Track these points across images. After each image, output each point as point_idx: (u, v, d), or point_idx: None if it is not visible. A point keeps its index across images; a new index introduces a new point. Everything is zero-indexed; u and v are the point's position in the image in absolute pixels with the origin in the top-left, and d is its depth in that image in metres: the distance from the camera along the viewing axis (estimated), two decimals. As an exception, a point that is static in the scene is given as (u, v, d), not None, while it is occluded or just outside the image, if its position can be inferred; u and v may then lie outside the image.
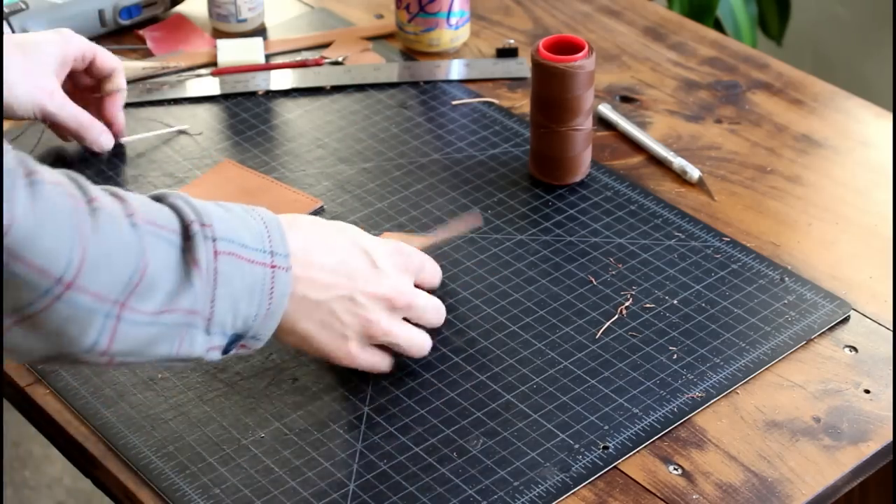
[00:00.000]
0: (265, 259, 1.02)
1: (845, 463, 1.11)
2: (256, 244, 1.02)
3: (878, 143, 1.45)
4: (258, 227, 1.03)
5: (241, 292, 1.00)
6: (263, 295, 1.02)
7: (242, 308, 1.01)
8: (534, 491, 1.09)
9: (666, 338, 1.22)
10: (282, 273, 1.03)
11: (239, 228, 1.01)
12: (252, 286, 1.01)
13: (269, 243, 1.03)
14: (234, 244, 1.00)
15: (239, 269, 1.00)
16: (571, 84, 1.34)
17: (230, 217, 1.02)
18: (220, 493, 1.10)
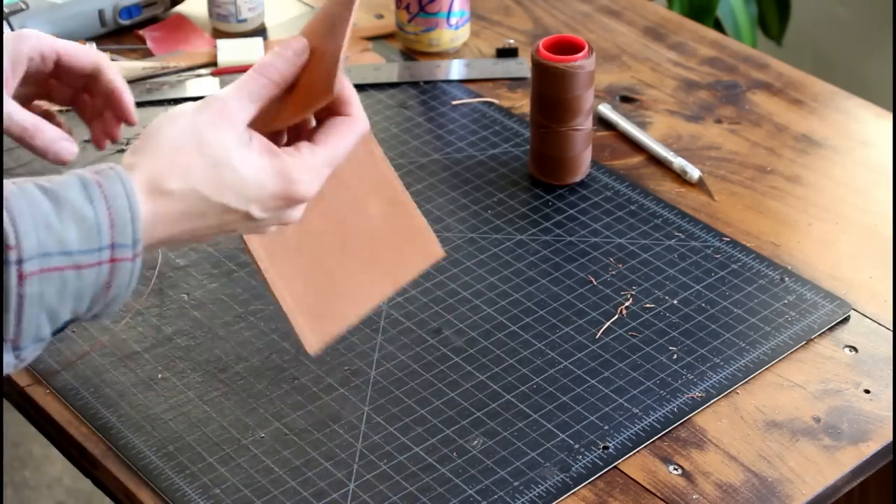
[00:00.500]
0: (99, 258, 0.91)
1: (845, 463, 1.11)
2: (88, 244, 0.91)
3: (878, 143, 1.45)
4: (96, 218, 0.91)
5: (61, 301, 0.91)
6: (97, 290, 0.92)
7: (66, 310, 0.92)
8: (534, 491, 1.09)
9: (666, 338, 1.22)
10: (125, 263, 0.92)
11: (66, 230, 0.90)
12: (79, 290, 0.92)
13: (110, 235, 0.91)
14: (49, 258, 0.90)
15: (57, 282, 0.90)
16: (571, 84, 1.34)
17: (56, 217, 0.90)
18: (220, 493, 1.10)
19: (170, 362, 1.21)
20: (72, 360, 1.22)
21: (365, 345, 1.22)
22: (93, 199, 0.91)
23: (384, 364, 1.20)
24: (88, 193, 0.91)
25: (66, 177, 0.92)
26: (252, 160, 0.96)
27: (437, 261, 1.08)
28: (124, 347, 1.23)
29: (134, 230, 0.92)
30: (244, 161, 0.96)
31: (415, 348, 1.22)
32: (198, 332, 1.24)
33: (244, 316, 1.26)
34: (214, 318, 1.26)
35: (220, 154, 0.95)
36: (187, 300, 1.28)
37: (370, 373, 1.20)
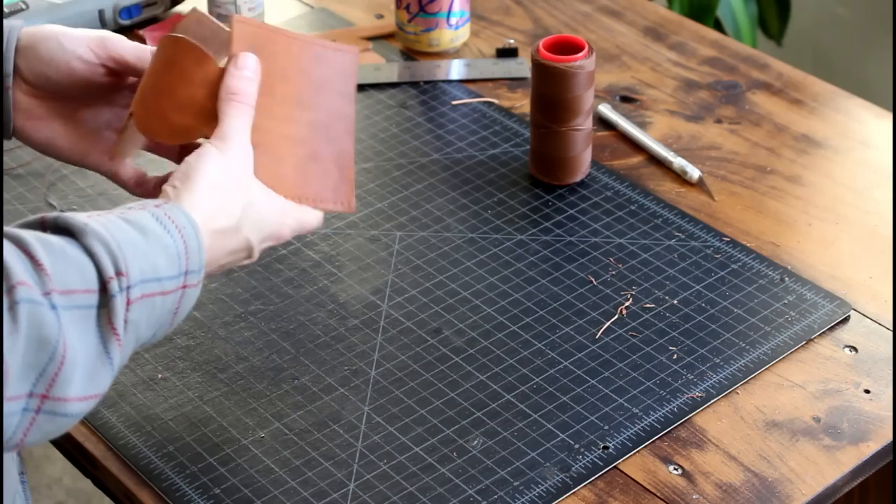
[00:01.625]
0: (178, 283, 0.96)
1: (845, 463, 1.11)
2: (172, 270, 0.96)
3: (878, 143, 1.45)
4: (176, 246, 0.96)
5: (147, 328, 0.95)
6: (168, 316, 0.97)
7: (144, 336, 0.96)
8: (534, 491, 1.09)
9: (666, 338, 1.22)
10: (191, 290, 0.98)
11: (155, 258, 0.95)
12: (160, 316, 0.96)
13: (186, 262, 0.97)
14: (148, 284, 0.94)
15: (150, 307, 0.94)
16: (571, 84, 1.34)
17: (147, 246, 0.94)
18: (220, 493, 1.10)
19: (170, 362, 1.21)
20: (72, 360, 1.22)
21: (365, 345, 1.22)
22: (168, 230, 0.96)
23: (384, 364, 1.20)
24: (163, 224, 0.96)
25: (138, 210, 0.97)
26: (272, 200, 1.06)
27: (345, 209, 1.11)
28: (124, 347, 1.23)
29: (200, 258, 0.98)
30: (266, 200, 1.05)
31: (415, 348, 1.22)
32: (198, 332, 1.24)
33: (244, 316, 1.26)
34: (214, 318, 1.26)
35: (251, 194, 1.04)
36: (187, 300, 1.28)
37: (370, 373, 1.20)
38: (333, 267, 1.31)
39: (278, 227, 1.07)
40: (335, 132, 1.10)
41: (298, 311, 1.26)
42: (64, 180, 1.41)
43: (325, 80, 1.10)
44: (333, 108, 1.10)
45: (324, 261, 1.31)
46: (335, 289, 1.28)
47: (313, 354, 1.22)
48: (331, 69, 1.10)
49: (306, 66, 1.09)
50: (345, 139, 1.10)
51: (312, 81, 1.09)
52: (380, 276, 1.29)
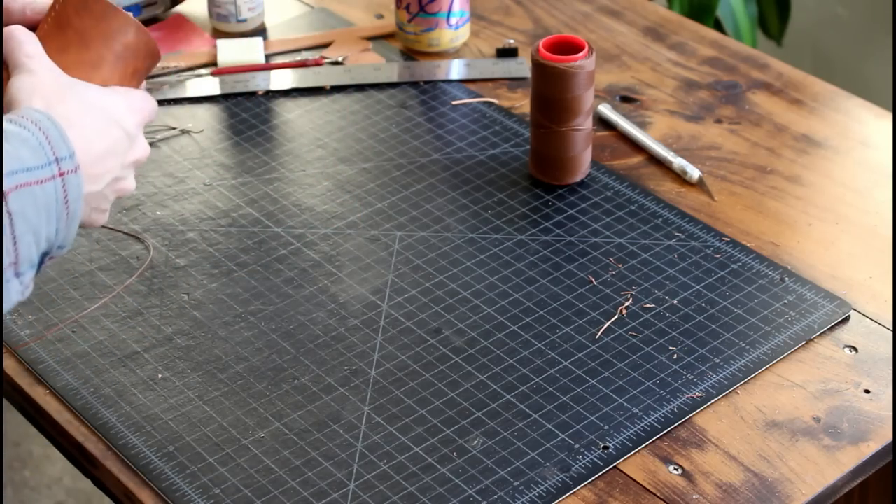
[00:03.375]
0: (52, 171, 0.98)
1: (845, 463, 1.11)
2: (39, 159, 0.98)
3: (878, 143, 1.45)
4: (35, 137, 0.98)
5: (38, 218, 0.97)
6: (60, 207, 0.99)
7: (43, 231, 0.98)
8: (534, 491, 1.09)
9: (666, 338, 1.22)
10: (71, 176, 0.99)
11: (18, 150, 0.97)
12: (47, 205, 0.98)
13: (52, 150, 0.99)
14: (17, 175, 0.96)
15: (31, 197, 0.96)
16: (571, 84, 1.34)
17: (7, 143, 0.97)
18: (220, 493, 1.10)
19: (170, 362, 1.21)
20: (72, 360, 1.22)
21: (365, 345, 1.22)
22: (24, 126, 0.98)
23: (384, 364, 1.20)
24: (18, 123, 0.98)
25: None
26: (91, 85, 1.06)
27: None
28: (124, 347, 1.23)
29: (66, 143, 0.99)
30: (87, 86, 1.06)
31: (415, 348, 1.22)
32: (198, 332, 1.24)
33: (244, 316, 1.26)
34: (214, 318, 1.26)
35: (74, 82, 1.05)
36: (187, 300, 1.28)
37: (370, 373, 1.20)
38: (333, 267, 1.31)
39: (126, 98, 1.07)
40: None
41: (298, 311, 1.26)
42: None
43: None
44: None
45: (324, 261, 1.31)
46: (335, 289, 1.28)
47: (313, 354, 1.22)
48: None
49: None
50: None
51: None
52: (380, 276, 1.30)
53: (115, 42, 1.08)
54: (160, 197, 1.39)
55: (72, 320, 1.26)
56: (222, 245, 1.34)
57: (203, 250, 1.33)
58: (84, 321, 1.25)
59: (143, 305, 1.27)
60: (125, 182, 1.08)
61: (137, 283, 1.29)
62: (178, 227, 1.35)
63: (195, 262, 1.32)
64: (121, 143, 1.06)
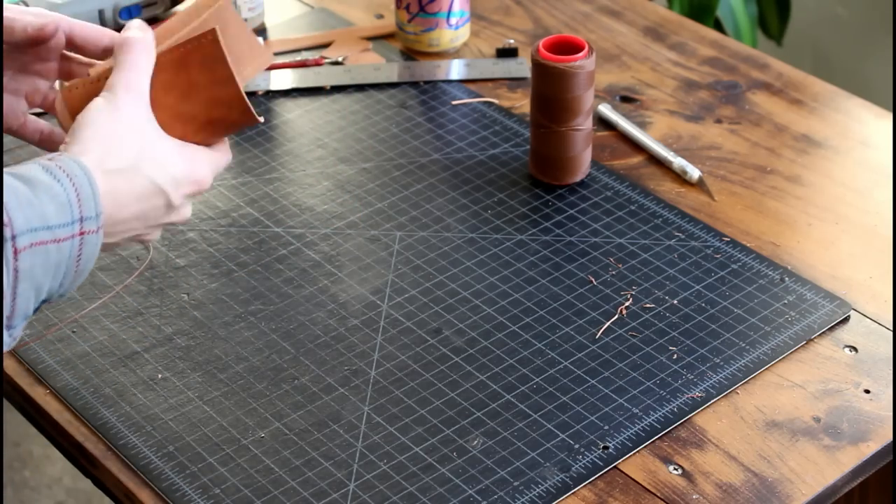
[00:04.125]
0: (73, 231, 0.96)
1: (845, 463, 1.11)
2: (63, 218, 0.96)
3: (878, 143, 1.45)
4: (66, 194, 0.96)
5: (45, 275, 0.95)
6: (70, 264, 0.97)
7: (46, 286, 0.96)
8: (534, 491, 1.09)
9: (666, 338, 1.22)
10: (91, 236, 0.97)
11: (43, 207, 0.95)
12: (58, 263, 0.96)
13: (79, 209, 0.96)
14: (36, 232, 0.94)
15: (43, 255, 0.95)
16: (571, 84, 1.34)
17: (33, 195, 0.94)
18: (220, 493, 1.10)
19: (170, 362, 1.21)
20: (72, 360, 1.22)
21: (365, 345, 1.22)
22: (59, 178, 0.96)
23: (384, 364, 1.20)
24: (53, 174, 0.96)
25: (27, 163, 0.97)
26: (173, 140, 1.04)
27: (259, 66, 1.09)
28: (124, 347, 1.23)
29: (96, 204, 0.97)
30: (167, 140, 1.04)
31: (415, 348, 1.22)
32: (198, 332, 1.24)
33: (244, 316, 1.26)
34: (214, 318, 1.26)
35: (148, 134, 1.03)
36: (187, 300, 1.28)
37: (370, 373, 1.20)
38: (333, 267, 1.31)
39: (190, 167, 1.05)
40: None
41: (298, 311, 1.26)
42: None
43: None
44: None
45: (324, 261, 1.31)
46: (335, 289, 1.28)
47: (313, 354, 1.22)
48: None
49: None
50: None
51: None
52: (380, 276, 1.30)
53: (216, 111, 1.05)
54: (160, 197, 1.39)
55: (71, 320, 1.26)
56: (222, 245, 1.34)
57: (203, 250, 1.33)
58: (84, 321, 1.25)
59: (143, 305, 1.27)
60: (147, 236, 1.07)
61: (137, 283, 1.29)
62: (177, 227, 1.35)
63: (195, 262, 1.32)
64: (157, 211, 1.04)
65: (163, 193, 1.03)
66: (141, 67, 1.04)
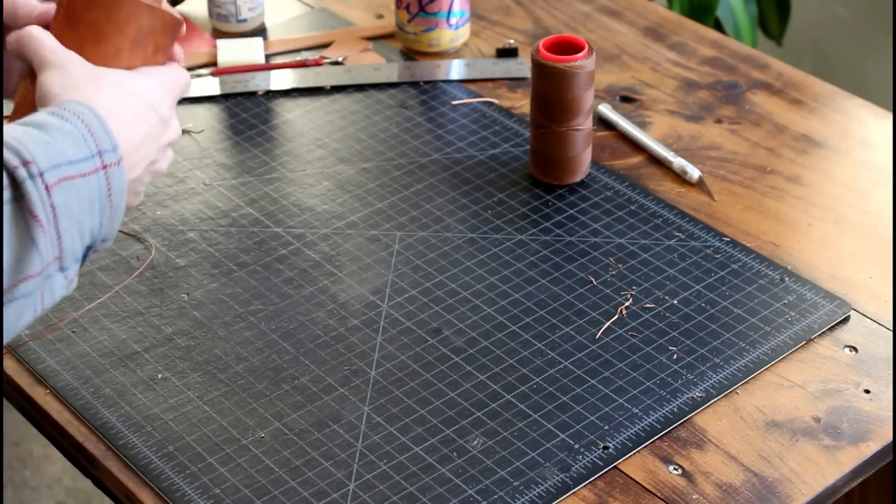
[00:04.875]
0: (95, 164, 0.97)
1: (845, 463, 1.11)
2: (82, 152, 0.97)
3: (878, 143, 1.45)
4: (78, 130, 0.97)
5: (81, 212, 0.96)
6: (104, 200, 0.98)
7: (87, 224, 0.97)
8: (534, 491, 1.09)
9: (666, 338, 1.22)
10: (114, 169, 0.98)
11: (61, 143, 0.96)
12: (91, 199, 0.97)
13: (94, 143, 0.98)
14: (61, 168, 0.95)
15: (75, 191, 0.96)
16: (571, 84, 1.34)
17: (48, 136, 0.96)
18: (220, 493, 1.10)
19: (170, 362, 1.21)
20: (72, 360, 1.22)
21: (365, 345, 1.22)
22: (66, 118, 0.97)
23: (384, 364, 1.20)
24: (59, 116, 0.97)
25: (35, 113, 0.98)
26: (118, 70, 1.05)
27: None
28: (124, 347, 1.23)
29: (109, 136, 0.98)
30: (114, 70, 1.05)
31: (415, 348, 1.22)
32: (198, 332, 1.24)
33: (244, 316, 1.26)
34: (214, 318, 1.26)
35: (106, 70, 1.04)
36: (187, 300, 1.28)
37: (370, 373, 1.20)
38: (333, 267, 1.31)
39: (153, 77, 1.06)
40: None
41: (298, 311, 1.26)
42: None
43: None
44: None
45: (324, 261, 1.31)
46: (335, 289, 1.28)
47: (313, 354, 1.22)
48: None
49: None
50: None
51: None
52: (380, 276, 1.30)
53: (129, 28, 1.06)
54: (160, 197, 1.39)
55: (71, 320, 1.26)
56: (222, 245, 1.34)
57: (203, 250, 1.33)
58: (84, 321, 1.25)
59: (143, 305, 1.27)
60: (160, 164, 1.07)
61: (137, 283, 1.29)
62: (178, 227, 1.35)
63: (195, 262, 1.32)
64: (156, 127, 1.05)
65: (152, 108, 1.04)
66: (42, 41, 1.05)
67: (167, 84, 1.07)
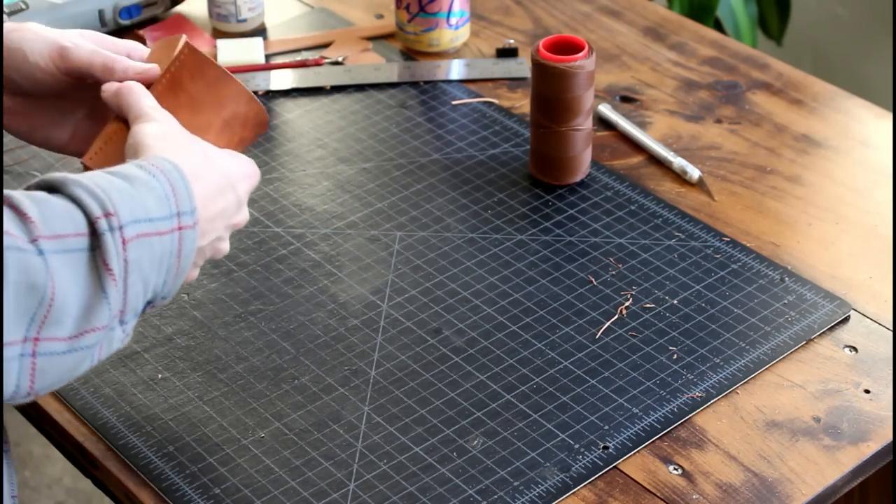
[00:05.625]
0: (172, 224, 0.98)
1: (845, 463, 1.11)
2: (162, 211, 0.98)
3: (878, 143, 1.45)
4: (162, 188, 0.98)
5: (151, 269, 0.97)
6: (172, 260, 0.99)
7: (152, 282, 0.98)
8: (534, 491, 1.09)
9: (666, 338, 1.22)
10: (188, 231, 1.00)
11: (145, 199, 0.97)
12: (161, 257, 0.98)
13: (176, 203, 0.99)
14: (140, 224, 0.96)
15: (148, 248, 0.96)
16: (571, 84, 1.34)
17: (133, 190, 0.96)
18: (220, 493, 1.10)
19: (170, 362, 1.21)
20: (72, 360, 1.22)
21: (365, 345, 1.22)
22: (153, 174, 0.98)
23: (384, 364, 1.20)
24: (147, 170, 0.98)
25: (123, 164, 1.00)
26: (207, 142, 1.08)
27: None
28: (124, 347, 1.23)
29: (190, 198, 1.00)
30: (205, 144, 1.07)
31: (415, 348, 1.22)
32: (198, 332, 1.24)
33: (244, 316, 1.26)
34: (214, 318, 1.26)
35: (195, 138, 1.06)
36: (187, 300, 1.28)
37: (370, 373, 1.20)
38: (333, 267, 1.31)
39: (238, 161, 1.08)
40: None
41: (298, 311, 1.26)
42: (64, 180, 1.41)
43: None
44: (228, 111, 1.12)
45: (324, 261, 1.31)
46: (335, 289, 1.28)
47: (313, 354, 1.22)
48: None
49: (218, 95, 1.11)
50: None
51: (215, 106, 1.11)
52: (380, 276, 1.29)
53: (225, 109, 1.09)
54: (160, 197, 1.39)
55: (72, 320, 1.26)
56: (222, 245, 1.33)
57: (203, 250, 1.33)
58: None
59: (143, 305, 1.27)
60: (223, 244, 1.09)
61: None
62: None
63: (195, 262, 1.32)
64: (232, 205, 1.06)
65: (232, 187, 1.06)
66: (143, 97, 1.07)
67: (247, 171, 1.08)
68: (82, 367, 0.95)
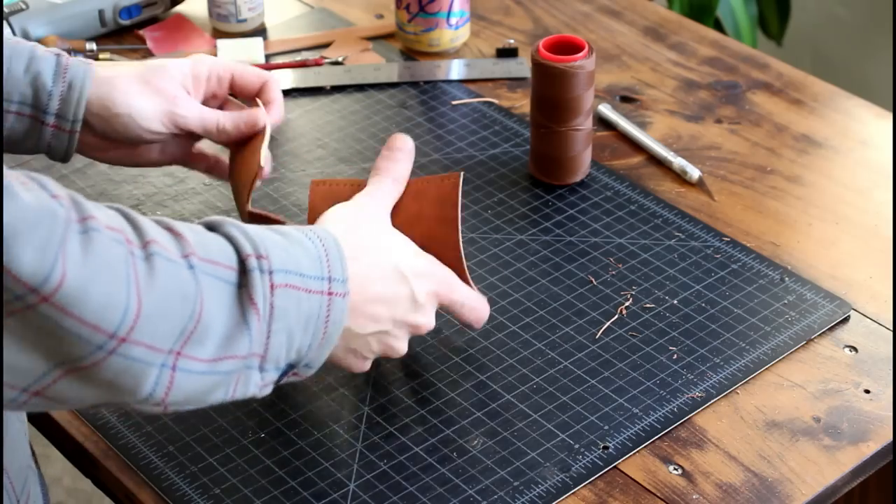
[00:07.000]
0: (322, 287, 0.98)
1: (845, 463, 1.11)
2: (314, 271, 0.98)
3: (878, 143, 1.45)
4: (316, 250, 0.99)
5: (296, 324, 0.97)
6: (319, 323, 0.98)
7: (297, 339, 0.98)
8: (534, 491, 1.09)
9: (666, 338, 1.22)
10: (338, 300, 0.99)
11: (297, 255, 0.97)
12: (308, 316, 0.97)
13: (328, 268, 0.99)
14: (291, 275, 0.96)
15: (295, 301, 0.96)
16: (571, 84, 1.34)
17: (288, 244, 0.98)
18: (220, 493, 1.10)
19: (170, 362, 1.21)
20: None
21: (365, 345, 1.22)
22: (309, 237, 1.00)
23: (384, 364, 1.20)
24: (304, 233, 1.00)
25: (282, 225, 1.02)
26: (405, 236, 1.10)
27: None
28: (124, 347, 1.23)
29: (343, 268, 1.00)
30: (401, 234, 1.10)
31: (415, 348, 1.22)
32: (198, 332, 1.24)
33: (244, 316, 1.26)
34: (214, 318, 1.26)
35: (386, 226, 1.11)
36: (187, 300, 1.27)
37: (370, 373, 1.20)
38: (333, 267, 1.30)
39: (431, 263, 1.10)
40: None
41: (298, 311, 1.26)
42: (64, 179, 1.41)
43: (420, 213, 1.15)
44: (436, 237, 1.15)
45: (324, 261, 1.31)
46: (335, 289, 1.28)
47: (313, 354, 1.21)
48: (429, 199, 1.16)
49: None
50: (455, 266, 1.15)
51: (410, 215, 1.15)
52: (380, 276, 1.29)
53: (432, 245, 1.12)
54: (160, 197, 1.39)
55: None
56: (222, 245, 1.33)
57: (203, 250, 1.33)
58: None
59: (143, 305, 1.27)
60: (395, 341, 1.08)
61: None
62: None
63: (195, 262, 1.31)
64: (402, 298, 1.07)
65: (405, 280, 1.07)
66: (387, 191, 1.12)
67: (439, 276, 1.10)
68: (216, 394, 0.95)
